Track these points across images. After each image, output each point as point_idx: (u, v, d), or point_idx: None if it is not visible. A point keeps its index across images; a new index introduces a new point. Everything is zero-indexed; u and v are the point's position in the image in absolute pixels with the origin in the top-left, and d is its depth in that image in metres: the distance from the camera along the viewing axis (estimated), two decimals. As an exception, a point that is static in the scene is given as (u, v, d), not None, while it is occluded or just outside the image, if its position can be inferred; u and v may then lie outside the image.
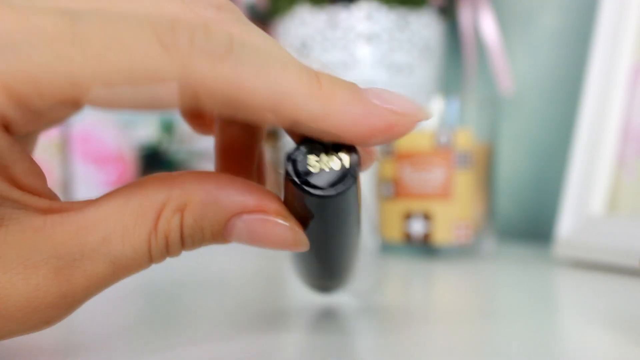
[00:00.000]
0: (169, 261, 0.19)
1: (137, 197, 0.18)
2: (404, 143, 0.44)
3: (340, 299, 0.29)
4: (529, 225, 0.55)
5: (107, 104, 0.16)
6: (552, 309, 0.29)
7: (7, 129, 0.17)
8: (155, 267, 0.18)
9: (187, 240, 0.18)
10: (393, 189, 0.44)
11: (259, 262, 0.42)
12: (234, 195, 0.18)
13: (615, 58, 0.42)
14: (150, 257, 0.18)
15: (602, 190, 0.41)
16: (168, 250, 0.18)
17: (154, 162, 0.66)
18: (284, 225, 0.18)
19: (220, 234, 0.18)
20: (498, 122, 0.48)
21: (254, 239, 0.18)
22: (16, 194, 0.17)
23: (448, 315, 0.27)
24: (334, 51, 0.52)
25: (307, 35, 0.52)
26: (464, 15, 0.56)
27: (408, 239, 0.44)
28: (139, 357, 0.20)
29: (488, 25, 0.55)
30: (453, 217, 0.43)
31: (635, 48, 0.41)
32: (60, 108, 0.17)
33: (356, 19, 0.51)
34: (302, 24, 0.52)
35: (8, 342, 0.20)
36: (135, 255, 0.18)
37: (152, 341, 0.22)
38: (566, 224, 0.41)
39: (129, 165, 0.67)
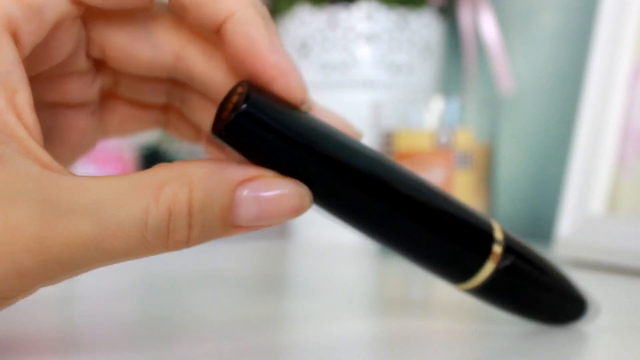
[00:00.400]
0: (168, 261, 0.19)
1: (137, 174, 0.17)
2: (404, 143, 0.44)
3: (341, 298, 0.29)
4: (529, 225, 0.55)
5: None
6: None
7: (16, 40, 0.17)
8: (154, 268, 0.18)
9: (196, 217, 0.17)
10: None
11: (258, 261, 0.42)
12: (235, 168, 0.18)
13: (615, 58, 0.41)
14: (146, 231, 0.16)
15: (602, 190, 0.41)
16: (170, 228, 0.17)
17: (154, 162, 0.66)
18: (287, 182, 0.18)
19: (229, 208, 0.17)
20: (498, 122, 0.48)
21: (262, 207, 0.17)
22: (22, 132, 0.17)
23: (448, 315, 0.27)
24: (334, 51, 0.52)
25: (307, 35, 0.52)
26: (464, 15, 0.56)
27: (408, 239, 0.44)
28: (138, 356, 0.20)
29: (488, 25, 0.55)
30: (453, 217, 0.43)
31: (635, 48, 0.41)
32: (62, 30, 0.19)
33: (356, 19, 0.51)
34: (302, 24, 0.52)
35: (8, 343, 0.21)
36: (128, 222, 0.16)
37: (152, 341, 0.22)
38: (566, 224, 0.41)
39: (129, 165, 0.67)
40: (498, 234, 0.21)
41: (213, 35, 0.20)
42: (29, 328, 0.23)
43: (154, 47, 0.21)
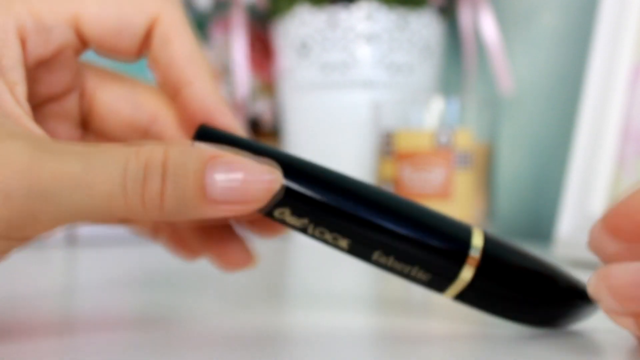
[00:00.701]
0: (168, 260, 0.19)
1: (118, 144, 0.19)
2: (404, 143, 0.44)
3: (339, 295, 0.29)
4: (529, 225, 0.55)
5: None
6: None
7: (23, 46, 0.20)
8: (154, 267, 0.18)
9: (170, 171, 0.18)
10: (393, 189, 0.44)
11: (258, 263, 0.42)
12: (209, 146, 0.19)
13: (615, 58, 0.42)
14: (125, 177, 0.18)
15: (602, 190, 0.41)
16: (146, 178, 0.18)
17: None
18: (258, 160, 0.19)
19: (201, 175, 0.18)
20: (498, 122, 0.48)
21: (234, 177, 0.18)
22: (19, 111, 0.19)
23: (448, 315, 0.27)
24: (334, 51, 0.52)
25: (307, 35, 0.52)
26: (464, 15, 0.56)
27: (408, 239, 0.44)
28: (137, 355, 0.20)
29: (488, 25, 0.55)
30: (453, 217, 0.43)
31: (635, 48, 0.41)
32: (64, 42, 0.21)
33: (356, 19, 0.51)
34: (302, 24, 0.52)
35: (8, 342, 0.21)
36: (110, 164, 0.18)
37: (151, 339, 0.22)
38: (566, 224, 0.41)
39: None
40: (477, 240, 0.21)
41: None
42: (28, 319, 0.23)
43: (135, 107, 0.23)
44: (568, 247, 0.40)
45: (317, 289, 0.33)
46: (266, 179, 0.19)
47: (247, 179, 0.18)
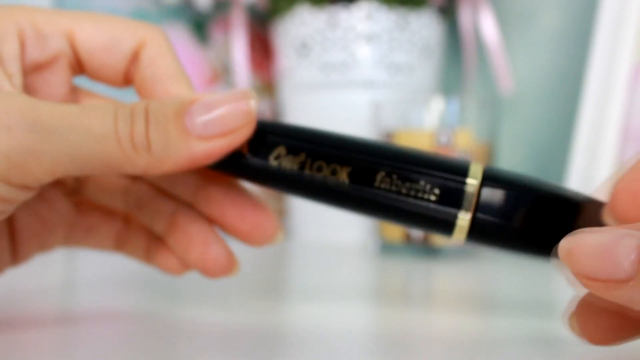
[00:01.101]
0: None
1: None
2: (404, 143, 0.44)
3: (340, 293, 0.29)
4: (529, 225, 0.55)
5: None
6: (553, 309, 0.29)
7: (22, 47, 0.22)
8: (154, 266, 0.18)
9: (151, 116, 0.19)
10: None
11: (258, 261, 0.42)
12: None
13: (615, 58, 0.41)
14: (117, 117, 0.19)
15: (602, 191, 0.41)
16: (133, 122, 0.19)
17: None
18: (235, 92, 0.20)
19: (181, 112, 0.20)
20: (498, 122, 0.48)
21: (211, 108, 0.20)
22: (11, 89, 0.21)
23: (448, 315, 0.27)
24: (334, 51, 0.52)
25: (307, 35, 0.52)
26: (464, 15, 0.56)
27: (408, 239, 0.44)
28: (136, 354, 0.20)
29: (488, 25, 0.55)
30: (453, 217, 0.43)
31: (635, 48, 0.41)
32: None
33: (356, 19, 0.51)
34: (302, 24, 0.52)
35: (8, 341, 0.21)
36: (103, 106, 0.19)
37: (150, 337, 0.22)
38: (566, 224, 0.41)
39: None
40: (473, 177, 0.20)
41: None
42: (28, 319, 0.23)
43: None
44: (568, 247, 0.40)
45: (317, 288, 0.33)
46: (242, 103, 0.20)
47: (224, 106, 0.20)
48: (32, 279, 0.33)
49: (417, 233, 0.43)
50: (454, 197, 0.20)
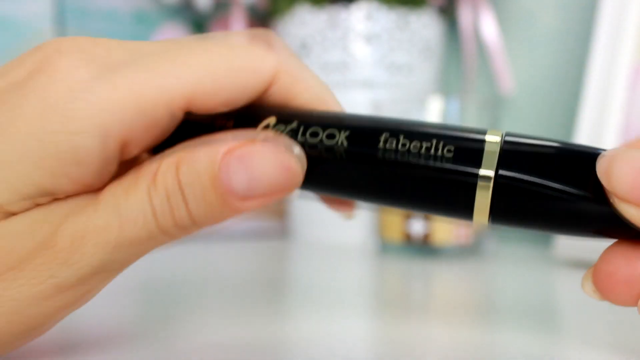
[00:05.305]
0: (168, 260, 0.19)
1: (132, 172, 0.18)
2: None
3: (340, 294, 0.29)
4: (529, 225, 0.55)
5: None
6: (553, 309, 0.29)
7: (125, 145, 0.19)
8: (154, 267, 0.18)
9: (187, 190, 0.17)
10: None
11: (258, 261, 0.42)
12: (219, 141, 0.18)
13: (615, 58, 0.41)
14: (155, 213, 0.17)
15: (602, 190, 0.41)
16: (171, 205, 0.17)
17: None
18: (272, 142, 0.18)
19: (217, 175, 0.17)
20: (498, 122, 0.48)
21: (248, 166, 0.17)
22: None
23: (448, 315, 0.27)
24: (333, 51, 0.52)
25: (307, 35, 0.52)
26: (464, 15, 0.56)
27: (408, 239, 0.44)
28: (135, 356, 0.20)
29: (488, 25, 0.55)
30: (453, 217, 0.43)
31: (635, 48, 0.41)
32: None
33: (356, 19, 0.51)
34: (302, 24, 0.52)
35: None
36: (136, 208, 0.17)
37: (151, 339, 0.22)
38: (566, 224, 0.41)
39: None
40: (492, 134, 0.17)
41: None
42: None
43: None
44: (568, 247, 0.40)
45: (317, 288, 0.33)
46: (283, 161, 0.18)
47: (262, 166, 0.17)
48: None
49: (417, 233, 0.43)
50: (473, 154, 0.17)
